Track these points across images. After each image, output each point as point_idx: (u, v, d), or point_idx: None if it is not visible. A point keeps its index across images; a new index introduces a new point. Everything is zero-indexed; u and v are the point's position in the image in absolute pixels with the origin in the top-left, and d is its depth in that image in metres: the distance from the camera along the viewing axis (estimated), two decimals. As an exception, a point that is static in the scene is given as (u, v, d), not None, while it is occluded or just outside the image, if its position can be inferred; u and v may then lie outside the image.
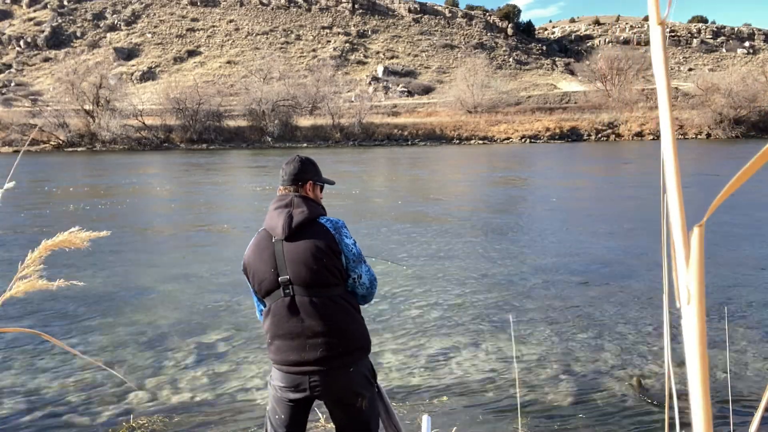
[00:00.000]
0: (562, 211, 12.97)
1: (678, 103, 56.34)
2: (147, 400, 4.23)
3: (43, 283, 1.24)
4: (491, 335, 5.39)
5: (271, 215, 2.28)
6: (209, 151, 41.46)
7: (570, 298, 6.48)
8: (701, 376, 0.42)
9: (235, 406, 4.12)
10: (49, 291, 1.16)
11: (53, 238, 1.30)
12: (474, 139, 49.83)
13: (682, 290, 0.43)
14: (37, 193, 17.20)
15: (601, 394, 4.24)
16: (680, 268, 0.43)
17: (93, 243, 1.37)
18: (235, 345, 5.23)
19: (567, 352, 4.99)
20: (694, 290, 0.42)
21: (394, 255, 8.60)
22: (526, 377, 4.52)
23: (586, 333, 5.41)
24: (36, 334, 1.06)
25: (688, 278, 0.43)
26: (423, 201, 14.84)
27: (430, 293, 6.73)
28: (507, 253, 8.79)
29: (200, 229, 11.29)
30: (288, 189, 2.35)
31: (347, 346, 2.23)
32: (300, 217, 2.22)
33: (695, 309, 0.42)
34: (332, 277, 2.21)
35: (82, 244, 1.32)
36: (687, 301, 0.43)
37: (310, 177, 2.39)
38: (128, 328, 5.70)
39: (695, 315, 0.42)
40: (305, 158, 2.44)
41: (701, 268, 0.42)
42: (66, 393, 4.35)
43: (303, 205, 2.27)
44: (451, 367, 4.72)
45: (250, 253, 2.29)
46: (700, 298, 0.42)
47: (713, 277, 7.10)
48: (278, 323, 2.20)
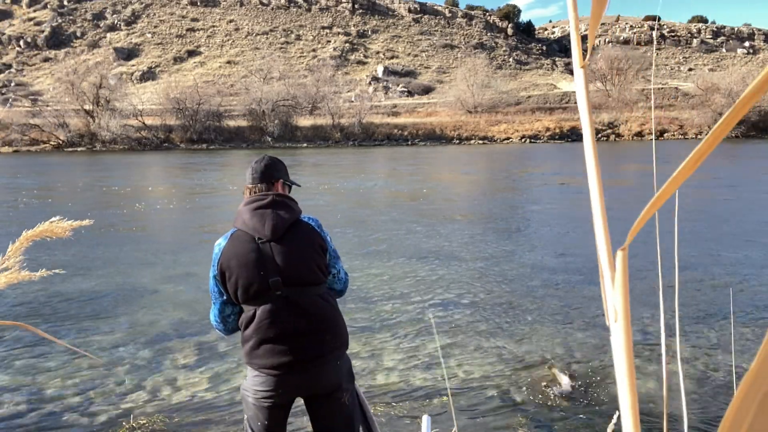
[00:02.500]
0: (563, 211, 12.97)
1: (678, 103, 56.35)
2: (147, 400, 4.23)
3: (25, 274, 1.22)
4: (491, 335, 5.39)
5: (251, 215, 2.19)
6: (209, 151, 41.46)
7: (570, 298, 6.48)
8: (629, 389, 0.43)
9: (235, 406, 4.12)
10: (48, 290, 1.16)
11: (34, 229, 1.29)
12: (474, 139, 49.83)
13: (609, 309, 0.45)
14: (40, 190, 17.20)
15: (601, 393, 4.24)
16: (607, 289, 0.45)
17: (93, 243, 1.37)
18: (235, 345, 5.23)
19: (567, 352, 4.99)
20: (620, 309, 0.44)
21: (404, 253, 8.60)
22: (526, 377, 4.52)
23: (587, 333, 5.41)
24: (25, 328, 1.05)
25: (614, 298, 0.45)
26: (423, 201, 14.84)
27: (430, 293, 6.73)
28: (507, 253, 8.79)
29: (200, 229, 11.28)
30: (258, 188, 2.29)
31: (336, 341, 2.24)
32: (289, 217, 2.20)
33: (622, 326, 0.44)
34: (321, 274, 2.22)
35: (63, 234, 1.30)
36: (614, 319, 0.45)
37: (281, 176, 2.36)
38: (128, 328, 5.70)
39: (622, 332, 0.44)
40: (275, 158, 2.41)
41: (626, 289, 0.44)
42: (66, 393, 4.35)
43: (287, 204, 2.24)
44: (451, 367, 4.72)
45: (230, 257, 2.15)
46: (626, 316, 0.44)
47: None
48: (268, 327, 2.14)
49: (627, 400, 0.43)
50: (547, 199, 15.02)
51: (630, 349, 0.44)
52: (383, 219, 12.00)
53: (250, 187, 2.31)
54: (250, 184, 2.32)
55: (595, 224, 0.47)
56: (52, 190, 18.29)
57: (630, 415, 0.43)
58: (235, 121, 49.76)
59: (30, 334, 5.57)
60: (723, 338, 5.24)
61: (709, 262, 7.96)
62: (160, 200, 15.68)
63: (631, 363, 0.44)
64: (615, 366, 0.44)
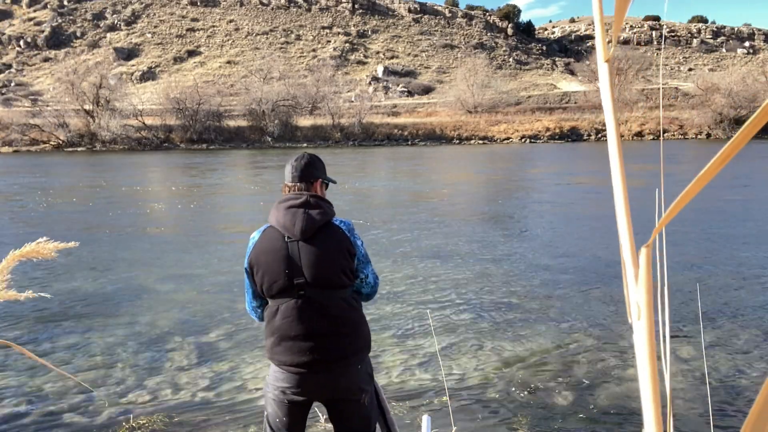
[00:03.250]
0: (564, 211, 12.97)
1: (678, 103, 56.36)
2: (147, 400, 4.23)
3: (12, 293, 1.23)
4: (491, 335, 5.39)
5: (284, 213, 2.20)
6: (209, 151, 41.45)
7: (570, 298, 6.48)
8: (652, 388, 0.43)
9: (235, 406, 4.12)
10: (48, 290, 1.16)
11: (21, 248, 1.30)
12: (474, 139, 49.83)
13: (632, 307, 0.45)
14: (38, 192, 17.20)
15: (601, 393, 4.24)
16: (630, 286, 0.45)
17: (92, 242, 1.37)
18: (235, 345, 5.23)
19: (567, 352, 4.99)
20: (643, 307, 0.44)
21: (398, 254, 8.60)
22: (527, 377, 4.52)
23: (587, 333, 5.41)
24: (10, 346, 1.06)
25: (637, 295, 0.45)
26: (422, 199, 14.84)
27: (430, 293, 6.72)
28: (508, 252, 8.78)
29: (200, 229, 11.28)
30: (297, 186, 2.27)
31: (357, 345, 2.24)
32: (320, 219, 2.19)
33: (645, 324, 0.44)
34: (346, 278, 2.20)
35: (50, 255, 1.31)
36: (638, 317, 0.45)
37: (320, 175, 2.33)
38: (128, 328, 5.70)
39: (645, 330, 0.44)
40: (315, 156, 2.37)
41: (650, 286, 0.44)
42: (66, 393, 4.35)
43: (320, 205, 2.22)
44: (451, 367, 4.72)
45: (260, 252, 2.20)
46: (649, 314, 0.44)
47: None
48: (290, 325, 2.17)
49: (649, 398, 0.43)
50: (548, 199, 15.02)
51: (653, 346, 0.44)
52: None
53: (289, 185, 2.30)
54: (289, 183, 2.30)
55: (619, 222, 0.47)
56: (74, 189, 18.29)
57: (652, 410, 0.43)
58: (235, 121, 49.75)
59: (30, 333, 5.57)
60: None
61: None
62: (160, 200, 15.68)
63: (654, 361, 0.44)
64: (638, 364, 0.44)
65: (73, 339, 5.42)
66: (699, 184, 0.40)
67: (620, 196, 0.47)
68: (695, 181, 0.40)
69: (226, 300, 6.54)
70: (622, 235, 0.47)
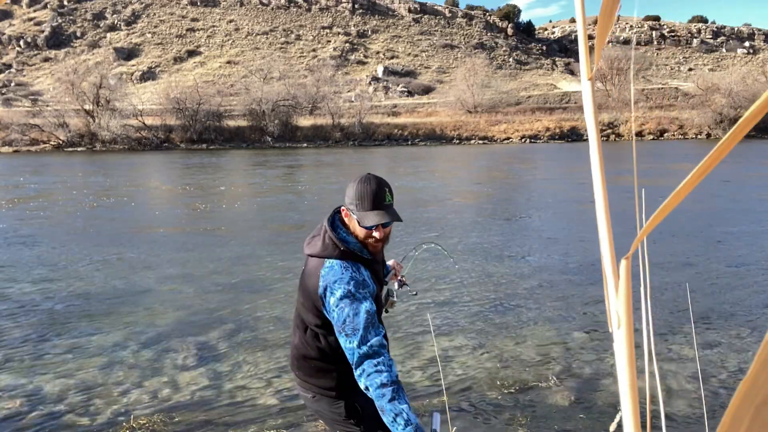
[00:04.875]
0: (563, 210, 12.97)
1: (678, 103, 56.38)
2: (147, 400, 4.23)
3: None
4: (491, 335, 5.39)
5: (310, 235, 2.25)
6: (209, 151, 41.44)
7: (571, 298, 6.48)
8: (630, 394, 0.44)
9: (235, 406, 4.12)
10: (48, 291, 1.17)
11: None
12: (474, 139, 49.82)
13: (612, 316, 0.46)
14: (38, 192, 17.20)
15: (601, 393, 4.24)
16: (611, 296, 0.46)
17: (92, 243, 1.37)
18: (235, 345, 5.23)
19: (567, 352, 4.99)
20: (623, 316, 0.45)
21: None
22: (526, 377, 4.52)
23: (587, 333, 5.41)
24: None
25: (617, 305, 0.46)
26: (422, 200, 14.84)
27: (430, 293, 6.73)
28: (507, 252, 8.79)
29: (200, 229, 11.28)
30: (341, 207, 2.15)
31: (311, 383, 2.26)
32: (308, 250, 2.16)
33: (624, 333, 0.45)
34: (313, 318, 2.11)
35: None
36: (617, 325, 0.46)
37: (344, 201, 2.12)
38: (128, 328, 5.70)
39: (624, 338, 0.45)
40: (364, 178, 2.05)
41: (629, 296, 0.45)
42: (66, 393, 4.35)
43: (323, 237, 2.11)
44: (451, 367, 4.72)
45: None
46: (629, 323, 0.45)
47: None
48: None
49: (628, 403, 0.44)
50: (548, 199, 15.02)
51: (632, 355, 0.45)
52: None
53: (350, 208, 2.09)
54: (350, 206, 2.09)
55: (600, 235, 0.48)
56: (74, 189, 18.29)
57: (631, 415, 0.44)
58: (235, 121, 49.73)
59: (30, 333, 5.57)
60: (724, 338, 5.24)
61: (713, 262, 7.96)
62: (160, 200, 15.69)
63: (633, 369, 0.44)
64: (617, 371, 0.45)
65: (74, 339, 5.42)
66: (677, 198, 0.40)
67: (601, 210, 0.48)
68: (672, 196, 0.40)
69: (225, 300, 6.55)
70: (603, 246, 0.47)
